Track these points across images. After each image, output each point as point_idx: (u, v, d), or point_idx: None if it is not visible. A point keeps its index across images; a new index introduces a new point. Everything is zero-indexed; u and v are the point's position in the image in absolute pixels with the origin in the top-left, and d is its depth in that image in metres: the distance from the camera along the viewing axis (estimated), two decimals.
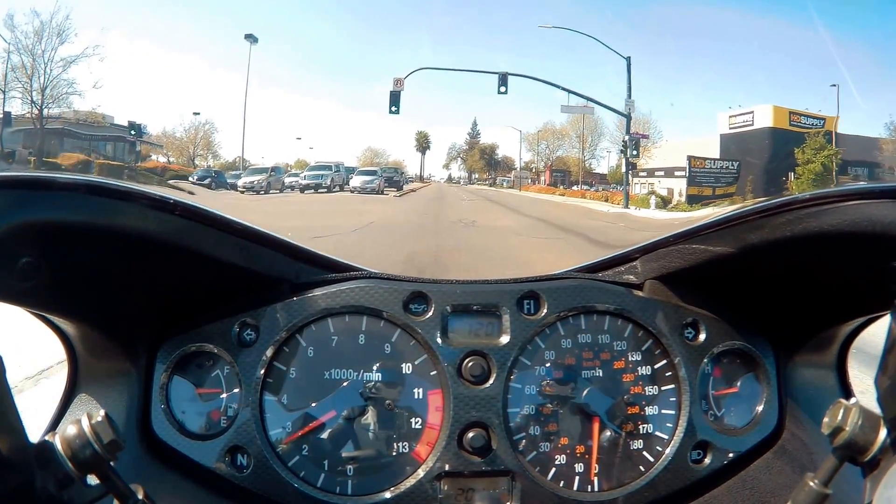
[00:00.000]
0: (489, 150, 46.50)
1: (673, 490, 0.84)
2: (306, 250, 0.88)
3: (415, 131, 48.84)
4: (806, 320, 0.86)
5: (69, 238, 0.64)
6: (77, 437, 0.55)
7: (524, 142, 41.77)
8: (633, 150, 26.53)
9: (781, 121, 28.85)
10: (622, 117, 28.32)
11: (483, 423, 0.82)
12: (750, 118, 29.90)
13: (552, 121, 41.58)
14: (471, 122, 51.41)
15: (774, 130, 28.71)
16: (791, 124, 28.87)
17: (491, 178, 45.94)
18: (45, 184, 0.61)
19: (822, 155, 26.15)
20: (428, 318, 0.84)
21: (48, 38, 23.93)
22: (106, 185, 0.66)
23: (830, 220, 0.64)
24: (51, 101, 24.72)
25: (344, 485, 0.81)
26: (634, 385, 0.87)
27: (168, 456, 0.81)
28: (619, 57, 27.41)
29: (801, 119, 29.22)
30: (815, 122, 29.17)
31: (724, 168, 27.83)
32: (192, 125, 32.78)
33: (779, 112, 29.19)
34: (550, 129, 40.43)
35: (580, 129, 36.89)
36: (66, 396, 0.83)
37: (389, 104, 25.80)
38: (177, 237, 0.72)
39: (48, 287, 0.67)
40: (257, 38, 33.46)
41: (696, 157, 27.55)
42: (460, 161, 48.78)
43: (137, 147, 28.08)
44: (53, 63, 24.34)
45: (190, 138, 32.32)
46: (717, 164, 27.93)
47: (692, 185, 27.06)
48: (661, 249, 0.88)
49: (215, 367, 0.85)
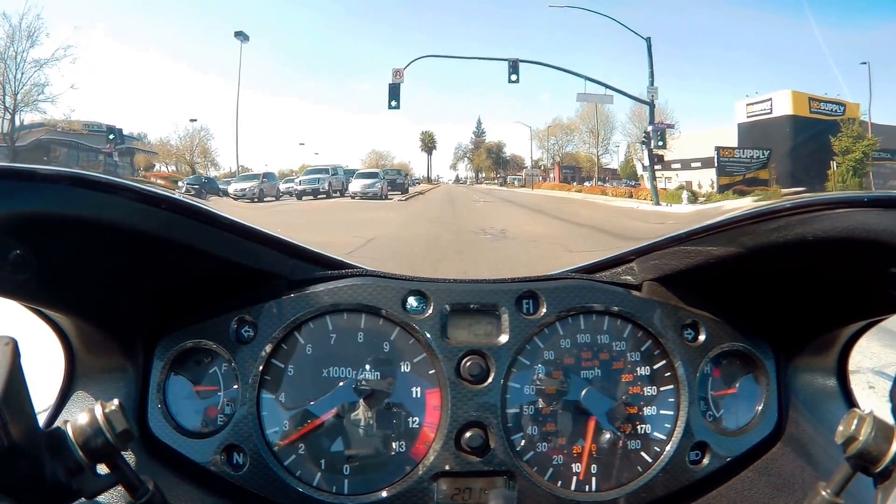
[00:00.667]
0: (496, 149, 45.68)
1: (671, 491, 0.84)
2: (300, 246, 0.87)
3: (419, 132, 47.99)
4: (806, 322, 0.86)
5: (57, 231, 0.64)
6: (89, 426, 0.55)
7: (533, 139, 40.85)
8: (658, 140, 24.08)
9: (801, 108, 27.45)
10: (636, 108, 27.26)
11: (481, 422, 0.82)
12: (768, 106, 28.45)
13: (560, 116, 40.75)
14: (475, 121, 50.41)
15: (795, 118, 27.60)
16: (811, 111, 27.78)
17: (501, 176, 45.10)
18: (28, 175, 0.60)
19: (863, 144, 24.88)
20: (427, 316, 0.84)
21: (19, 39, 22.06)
22: (89, 177, 0.65)
23: (821, 226, 0.65)
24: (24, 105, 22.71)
25: (341, 484, 0.81)
26: (633, 385, 0.86)
27: (164, 454, 0.80)
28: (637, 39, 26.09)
29: (820, 105, 27.80)
30: (836, 107, 28.00)
31: (753, 157, 26.50)
32: (186, 132, 30.64)
33: (798, 98, 27.78)
34: (559, 125, 39.43)
35: (591, 122, 35.75)
36: (63, 392, 0.82)
37: (389, 98, 23.49)
38: (165, 231, 0.72)
39: (41, 281, 0.66)
40: (248, 36, 31.30)
41: (725, 147, 26.05)
42: (467, 161, 47.98)
43: (115, 157, 25.66)
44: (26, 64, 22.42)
45: (186, 146, 30.33)
46: (746, 154, 26.61)
47: (722, 175, 25.83)
48: (656, 252, 0.87)
49: (213, 364, 0.84)
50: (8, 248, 0.61)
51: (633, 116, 30.67)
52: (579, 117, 36.14)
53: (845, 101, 27.90)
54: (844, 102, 27.83)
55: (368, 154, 42.59)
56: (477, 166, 47.47)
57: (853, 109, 27.69)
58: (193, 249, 0.75)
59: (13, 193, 0.59)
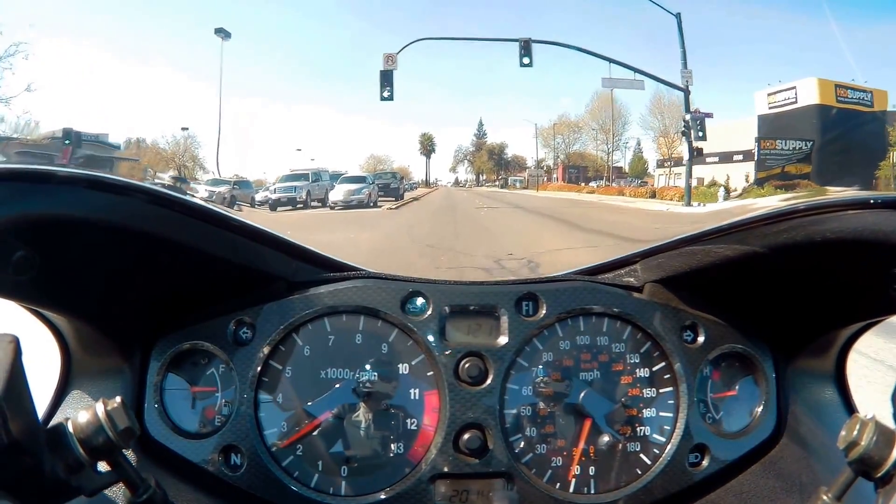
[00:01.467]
0: (498, 150, 43.49)
1: (670, 493, 0.84)
2: (304, 248, 0.87)
3: (419, 134, 45.58)
4: (806, 324, 0.86)
5: (65, 232, 0.64)
6: (91, 423, 0.55)
7: (537, 137, 38.50)
8: (697, 131, 21.23)
9: (828, 97, 25.81)
10: (655, 99, 25.04)
11: (479, 424, 0.81)
12: (792, 95, 26.73)
13: (567, 113, 38.52)
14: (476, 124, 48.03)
15: (822, 108, 25.67)
16: (838, 100, 25.87)
17: (502, 178, 42.81)
18: (45, 176, 0.60)
19: None
20: (426, 318, 0.84)
21: None
22: (106, 179, 0.65)
23: (832, 227, 0.65)
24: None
25: (338, 485, 0.80)
26: (632, 387, 0.86)
27: (161, 455, 0.80)
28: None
29: (847, 93, 26.10)
30: (863, 95, 26.21)
31: (795, 148, 24.66)
32: (174, 139, 28.78)
33: (824, 86, 26.03)
34: (566, 122, 37.13)
35: (602, 118, 33.47)
36: (59, 393, 0.81)
37: (381, 87, 20.56)
38: (175, 233, 0.71)
39: (42, 282, 0.65)
40: (229, 34, 29.35)
41: (766, 139, 24.77)
42: (467, 163, 45.66)
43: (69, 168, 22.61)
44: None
45: (173, 152, 28.56)
46: (788, 144, 24.72)
47: (761, 169, 24.25)
48: (663, 253, 0.87)
49: (210, 366, 0.84)
50: (13, 250, 0.60)
51: (654, 108, 28.41)
52: (589, 113, 33.82)
53: (871, 89, 26.16)
54: (871, 90, 26.15)
55: (367, 159, 40.01)
56: (478, 168, 45.17)
57: (881, 98, 26.13)
58: (201, 252, 0.75)
59: (28, 195, 0.59)
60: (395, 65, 21.05)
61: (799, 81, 27.35)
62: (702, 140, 21.82)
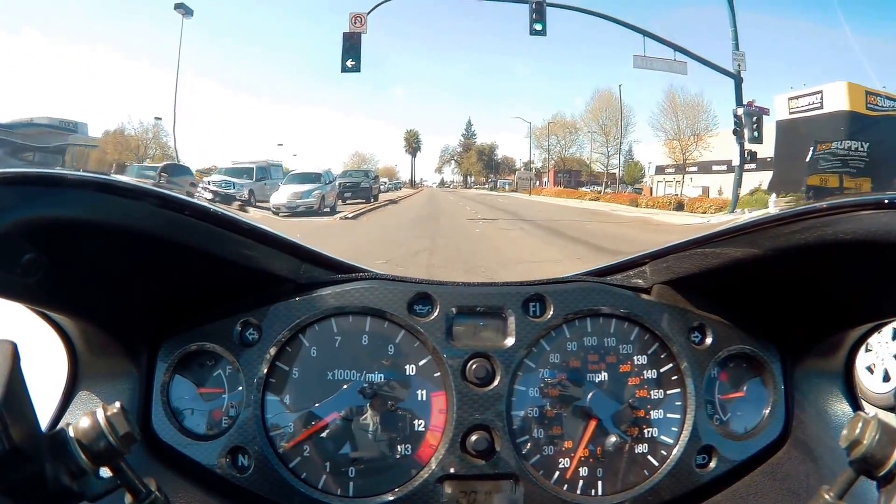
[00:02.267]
0: (487, 151, 39.96)
1: (677, 494, 0.83)
2: (311, 250, 0.87)
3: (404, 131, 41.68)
4: (814, 325, 0.85)
5: (74, 235, 0.64)
6: (92, 429, 0.55)
7: (530, 137, 35.11)
8: (752, 129, 17.37)
9: (858, 103, 22.96)
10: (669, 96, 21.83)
11: (487, 425, 0.81)
12: (818, 99, 23.68)
13: (562, 112, 35.21)
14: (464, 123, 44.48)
15: (852, 115, 22.88)
16: (867, 107, 23.17)
17: (492, 181, 39.31)
18: (55, 180, 0.61)
19: None
20: (432, 319, 0.84)
21: None
22: (115, 183, 0.65)
23: (846, 228, 0.64)
24: None
25: (346, 487, 0.80)
26: (640, 389, 0.86)
27: (168, 456, 0.80)
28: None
29: (877, 101, 23.25)
30: (893, 103, 23.61)
31: (851, 149, 21.53)
32: (141, 126, 24.91)
33: (854, 92, 23.16)
34: (560, 122, 33.79)
35: (603, 118, 30.14)
36: (66, 395, 0.81)
37: (343, 55, 16.44)
38: (184, 237, 0.71)
39: (50, 284, 0.66)
40: (192, 10, 25.13)
41: (821, 141, 21.88)
42: (454, 164, 42.04)
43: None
44: None
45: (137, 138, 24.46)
46: (844, 145, 21.59)
47: (813, 171, 21.26)
48: (673, 255, 0.86)
49: (217, 367, 0.84)
50: (22, 252, 0.61)
51: (668, 107, 25.14)
52: (590, 112, 30.47)
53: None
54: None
55: (351, 156, 35.76)
56: (466, 170, 41.52)
57: None
58: (210, 255, 0.74)
59: (38, 199, 0.59)
60: (364, 28, 16.56)
61: (826, 86, 24.54)
62: (757, 141, 18.30)
